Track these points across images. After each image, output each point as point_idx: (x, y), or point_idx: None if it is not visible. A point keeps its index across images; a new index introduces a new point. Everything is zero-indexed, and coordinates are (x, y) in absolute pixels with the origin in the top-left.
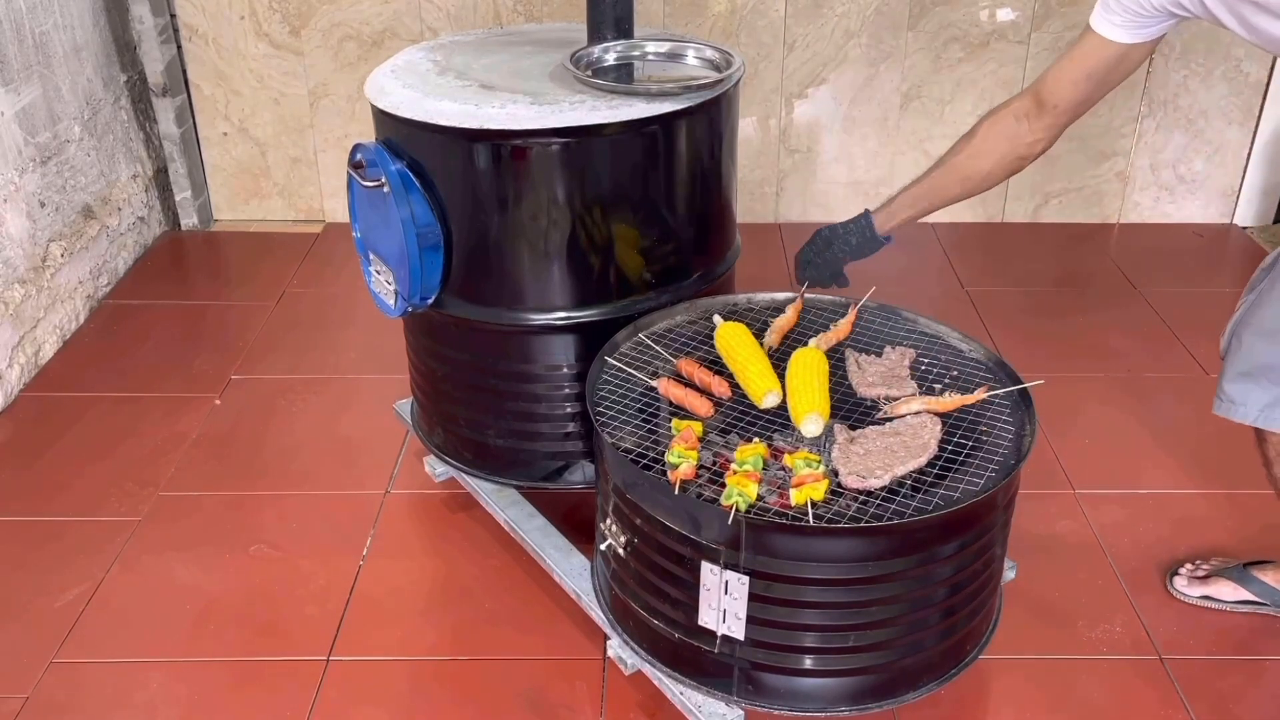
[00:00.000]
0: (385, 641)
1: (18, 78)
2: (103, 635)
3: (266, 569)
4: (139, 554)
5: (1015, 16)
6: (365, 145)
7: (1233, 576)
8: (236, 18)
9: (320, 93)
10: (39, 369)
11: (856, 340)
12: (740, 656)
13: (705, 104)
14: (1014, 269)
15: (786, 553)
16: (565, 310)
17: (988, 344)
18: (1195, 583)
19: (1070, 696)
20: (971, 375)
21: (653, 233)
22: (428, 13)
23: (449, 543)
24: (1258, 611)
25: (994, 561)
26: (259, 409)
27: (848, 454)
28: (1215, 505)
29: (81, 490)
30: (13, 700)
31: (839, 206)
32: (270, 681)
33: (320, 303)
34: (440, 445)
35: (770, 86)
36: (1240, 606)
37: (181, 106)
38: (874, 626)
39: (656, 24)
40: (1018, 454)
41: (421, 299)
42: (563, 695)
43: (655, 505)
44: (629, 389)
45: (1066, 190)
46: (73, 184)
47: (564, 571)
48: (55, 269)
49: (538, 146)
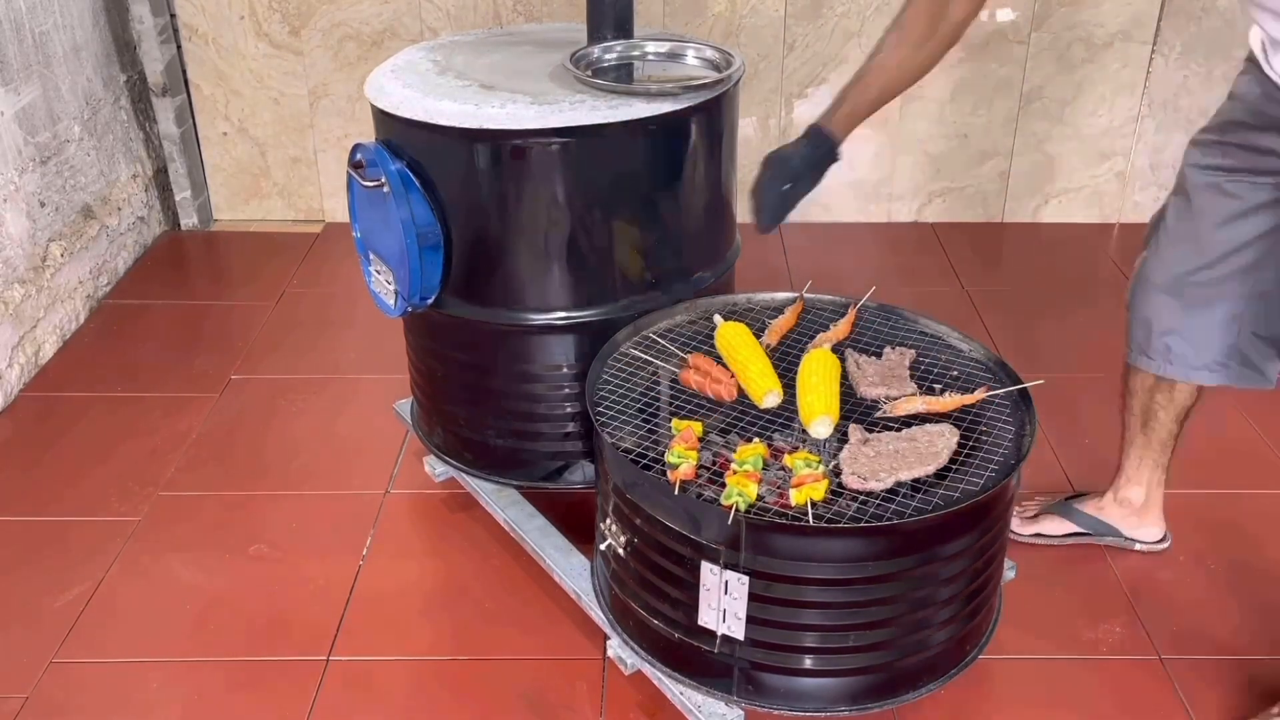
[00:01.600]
0: (385, 641)
1: (18, 78)
2: (103, 635)
3: (266, 569)
4: (139, 554)
5: (1015, 16)
6: (365, 145)
7: (1058, 511)
8: (236, 18)
9: (320, 93)
10: (39, 369)
11: (856, 340)
12: (740, 656)
13: (705, 104)
14: (1014, 269)
15: (786, 553)
16: (565, 310)
17: (988, 344)
18: (1026, 522)
19: (1070, 696)
20: (971, 375)
21: (653, 233)
22: (428, 13)
23: (449, 543)
24: (1079, 542)
25: (994, 561)
26: (259, 409)
27: (857, 455)
28: (1215, 501)
29: (81, 490)
30: (13, 700)
31: (839, 206)
32: (270, 681)
33: (320, 303)
34: (440, 445)
35: (770, 86)
36: (1067, 539)
37: (181, 106)
38: (874, 626)
39: (656, 24)
40: (1018, 454)
41: (421, 299)
42: (563, 695)
43: (655, 505)
44: (629, 389)
45: (1066, 190)
46: (73, 184)
47: (564, 571)
48: (55, 269)
49: (538, 146)
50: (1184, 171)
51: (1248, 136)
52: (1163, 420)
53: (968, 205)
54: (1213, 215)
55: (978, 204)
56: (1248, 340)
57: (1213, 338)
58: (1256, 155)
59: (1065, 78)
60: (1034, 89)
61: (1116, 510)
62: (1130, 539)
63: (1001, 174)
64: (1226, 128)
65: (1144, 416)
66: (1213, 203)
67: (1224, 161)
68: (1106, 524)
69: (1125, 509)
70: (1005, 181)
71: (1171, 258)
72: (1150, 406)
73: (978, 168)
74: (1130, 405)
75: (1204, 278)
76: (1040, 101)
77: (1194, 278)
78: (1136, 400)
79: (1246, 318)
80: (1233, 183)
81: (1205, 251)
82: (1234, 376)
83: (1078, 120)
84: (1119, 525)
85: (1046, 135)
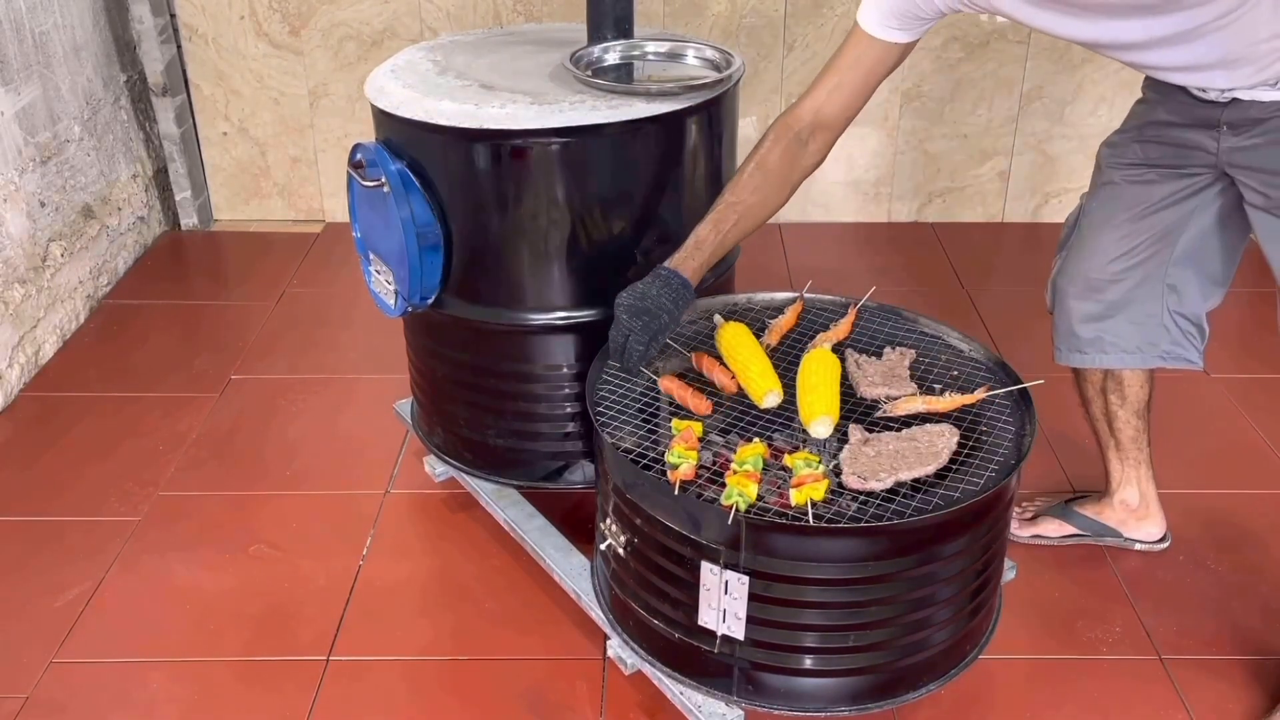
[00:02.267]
0: (385, 641)
1: (18, 78)
2: (103, 635)
3: (266, 569)
4: (139, 554)
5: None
6: (365, 145)
7: (1056, 514)
8: (236, 18)
9: (320, 93)
10: (39, 369)
11: (856, 340)
12: (740, 656)
13: (705, 104)
14: (1014, 269)
15: (786, 553)
16: (565, 310)
17: (988, 344)
18: (1025, 524)
19: (1070, 696)
20: (971, 375)
21: (653, 232)
22: (428, 13)
23: (449, 543)
24: (1080, 543)
25: (994, 561)
26: (259, 409)
27: (858, 455)
28: (1215, 501)
29: (81, 490)
30: (13, 700)
31: (839, 206)
32: (270, 681)
33: (320, 303)
34: (440, 445)
35: (770, 86)
36: (1066, 540)
37: (181, 106)
38: (874, 626)
39: (656, 24)
40: (1018, 454)
41: (421, 299)
42: (563, 695)
43: (655, 505)
44: (629, 389)
45: (1066, 190)
46: (73, 184)
47: (564, 571)
48: (55, 269)
49: (538, 146)
50: (1101, 170)
51: (1169, 133)
52: (1124, 418)
53: (968, 205)
54: (1133, 206)
55: (978, 204)
56: (1171, 320)
57: (1140, 323)
58: (1181, 150)
59: (1065, 78)
60: (1034, 89)
61: (1115, 513)
62: (1130, 539)
63: (1001, 174)
64: (1145, 127)
65: (1106, 420)
66: (1132, 194)
67: (1143, 156)
68: (1105, 526)
69: (1123, 511)
70: (1005, 181)
71: (1092, 251)
72: (1108, 409)
73: (978, 168)
74: (1091, 412)
75: (1123, 267)
76: (1040, 101)
77: (1113, 268)
78: (1094, 406)
79: (1169, 300)
80: (1153, 174)
81: (1123, 242)
82: (1164, 357)
83: (1078, 120)
84: (1118, 527)
85: (1046, 135)
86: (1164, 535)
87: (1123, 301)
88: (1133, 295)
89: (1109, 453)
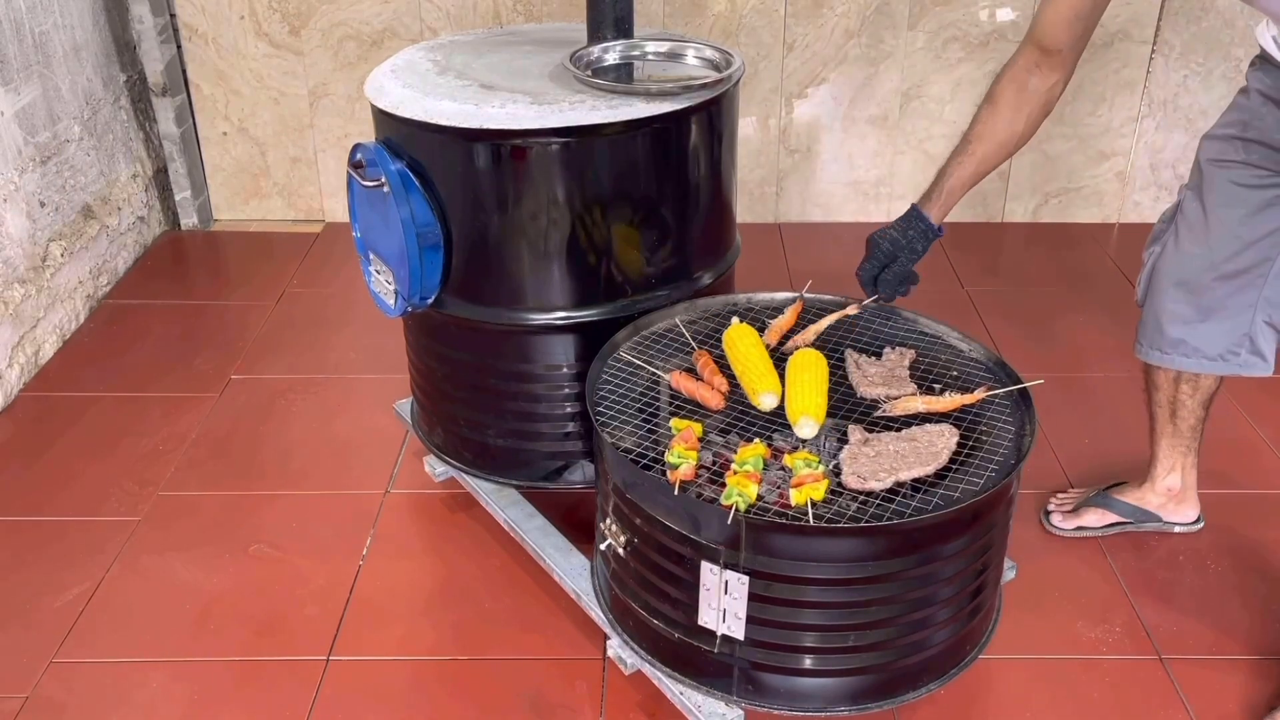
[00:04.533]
0: (385, 641)
1: (17, 77)
2: (103, 635)
3: (266, 569)
4: (139, 554)
5: (1015, 16)
6: (365, 145)
7: (1098, 503)
8: (236, 17)
9: (320, 92)
10: (39, 369)
11: (856, 340)
12: (740, 656)
13: (705, 104)
14: (1014, 269)
15: (786, 553)
16: (565, 310)
17: (988, 344)
18: (1067, 516)
19: (1070, 696)
20: (971, 375)
21: (652, 233)
22: (428, 13)
23: (449, 543)
24: (1123, 531)
25: (994, 561)
26: (259, 409)
27: (857, 455)
28: (1216, 501)
29: (81, 490)
30: (13, 700)
31: (839, 206)
32: (270, 681)
33: (320, 303)
34: (440, 445)
35: (770, 86)
36: (1109, 530)
37: (181, 106)
38: (874, 626)
39: (656, 24)
40: (1018, 454)
41: (421, 299)
42: (563, 695)
43: (655, 505)
44: (629, 389)
45: (1066, 190)
46: (73, 184)
47: (564, 571)
48: (55, 269)
49: (538, 146)
50: (1201, 167)
51: (1268, 133)
52: (1190, 408)
53: (968, 205)
54: (1232, 211)
55: (978, 204)
56: (1260, 329)
57: (1228, 330)
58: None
59: None
60: None
61: (1157, 498)
62: (1170, 523)
63: (1001, 174)
64: (1247, 124)
65: (1171, 408)
66: (1232, 198)
67: (1245, 157)
68: (1147, 511)
69: (1165, 496)
70: (1005, 181)
71: (1188, 253)
72: (1176, 397)
73: None
74: (1155, 399)
75: (1222, 271)
76: None
77: (1212, 272)
78: (1162, 394)
79: (1262, 307)
80: (1253, 178)
81: (1224, 246)
82: (1243, 365)
83: (1078, 120)
84: (1159, 511)
85: (1046, 135)
86: (1198, 517)
87: (1216, 307)
88: (1227, 303)
89: (1163, 438)
